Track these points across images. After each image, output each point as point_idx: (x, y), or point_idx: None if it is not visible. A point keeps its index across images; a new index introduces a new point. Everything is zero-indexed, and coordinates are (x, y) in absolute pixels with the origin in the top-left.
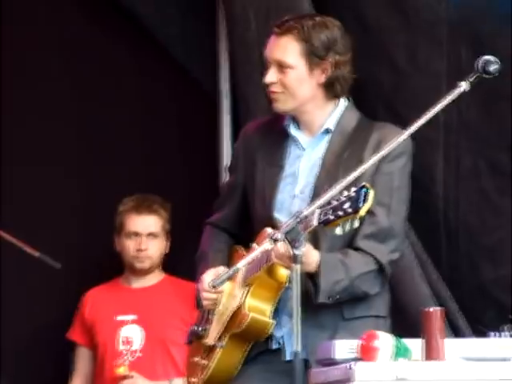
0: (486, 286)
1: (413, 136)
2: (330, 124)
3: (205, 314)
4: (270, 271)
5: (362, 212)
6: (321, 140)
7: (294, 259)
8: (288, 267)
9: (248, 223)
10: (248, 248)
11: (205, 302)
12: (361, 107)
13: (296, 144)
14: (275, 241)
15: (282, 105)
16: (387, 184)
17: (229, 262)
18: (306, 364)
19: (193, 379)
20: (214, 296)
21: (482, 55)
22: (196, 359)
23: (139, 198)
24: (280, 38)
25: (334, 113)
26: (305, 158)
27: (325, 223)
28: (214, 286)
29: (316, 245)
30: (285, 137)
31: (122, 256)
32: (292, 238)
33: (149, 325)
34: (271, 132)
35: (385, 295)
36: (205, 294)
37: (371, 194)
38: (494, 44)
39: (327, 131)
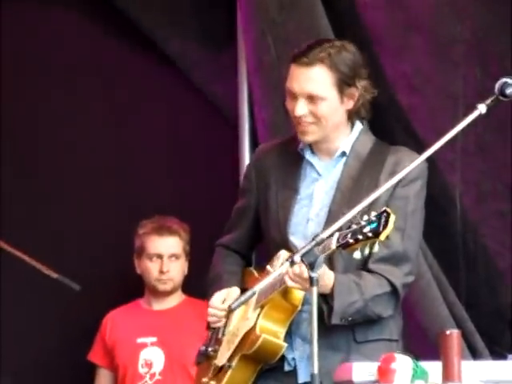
0: (504, 309)
1: (431, 158)
2: (346, 147)
3: (214, 335)
4: (284, 293)
5: (383, 237)
6: (336, 163)
7: (311, 282)
8: (302, 289)
9: (257, 245)
10: (262, 270)
11: (210, 318)
12: (377, 129)
13: (312, 167)
14: (292, 263)
15: (312, 136)
16: (402, 208)
17: (242, 283)
18: None
19: None
20: (220, 313)
21: (499, 77)
22: (204, 380)
23: (159, 220)
24: (309, 69)
25: (350, 136)
26: (321, 182)
27: (343, 246)
28: (231, 309)
29: (330, 266)
30: (299, 160)
31: (144, 278)
32: (309, 261)
33: (169, 347)
34: (285, 154)
35: (397, 318)
36: (211, 311)
37: (392, 218)
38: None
39: (343, 154)
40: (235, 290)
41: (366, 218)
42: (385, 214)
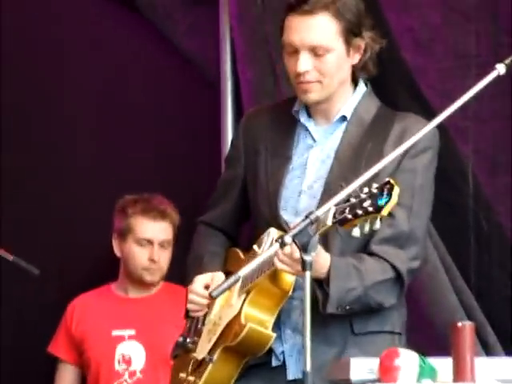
0: None
1: (441, 125)
2: (347, 111)
3: (193, 324)
4: (273, 277)
5: (385, 211)
6: (335, 129)
7: (304, 265)
8: (294, 273)
9: (246, 222)
10: (248, 251)
11: (190, 306)
12: (377, 90)
13: (306, 132)
14: (283, 244)
15: (316, 95)
16: (409, 182)
17: (226, 266)
18: None
19: None
20: (201, 301)
21: None
22: (182, 375)
23: (149, 200)
24: (311, 18)
25: (352, 99)
26: (316, 149)
27: (341, 223)
28: (212, 297)
29: (326, 247)
30: (293, 124)
31: (127, 264)
32: (302, 242)
33: (149, 341)
34: (277, 119)
35: (401, 309)
36: (192, 297)
37: (396, 190)
38: None
39: (343, 119)
40: (220, 275)
41: (365, 190)
42: (388, 186)
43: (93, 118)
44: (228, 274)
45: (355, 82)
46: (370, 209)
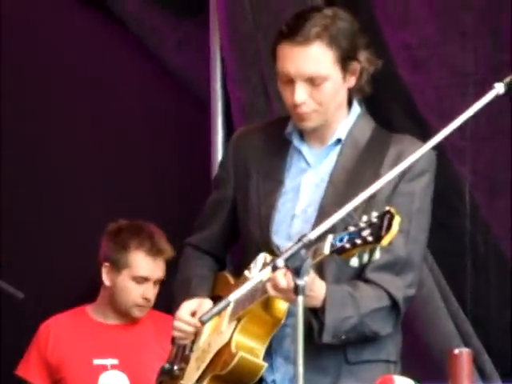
0: None
1: (438, 145)
2: (342, 134)
3: (180, 350)
4: (266, 304)
5: (385, 241)
6: (329, 152)
7: (297, 290)
8: (287, 300)
9: (234, 244)
10: (239, 276)
11: (176, 333)
12: (372, 109)
13: (300, 155)
14: (275, 268)
15: (313, 122)
16: (406, 206)
17: (214, 290)
18: None
19: None
20: (188, 329)
21: None
22: None
23: (151, 237)
24: (306, 48)
25: (347, 121)
26: (310, 173)
27: (339, 252)
28: (202, 322)
29: (321, 274)
30: (285, 146)
31: (116, 296)
32: (294, 266)
33: (133, 371)
34: (269, 139)
35: (396, 336)
36: (178, 324)
37: (396, 220)
38: None
39: (338, 142)
40: (207, 302)
41: (365, 218)
42: (388, 215)
43: (82, 133)
44: (217, 299)
45: (349, 103)
46: (370, 238)
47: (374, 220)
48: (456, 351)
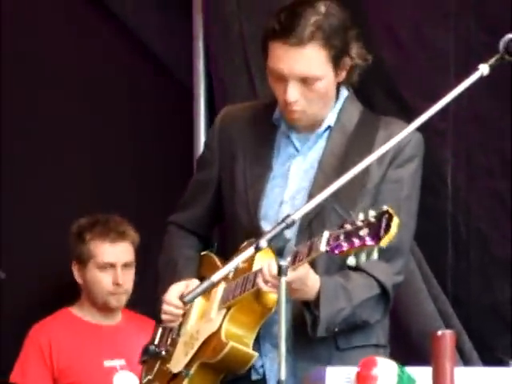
0: (501, 307)
1: (419, 127)
2: (332, 120)
3: (166, 333)
4: (256, 294)
5: (384, 243)
6: (318, 138)
7: (280, 271)
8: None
9: (219, 224)
10: (226, 259)
11: (164, 317)
12: (357, 93)
13: (288, 141)
14: (258, 249)
15: (304, 120)
16: (395, 193)
17: (200, 271)
18: None
19: None
20: (176, 312)
21: (496, 30)
22: None
23: (106, 223)
24: (300, 50)
25: (336, 106)
26: (299, 159)
27: (335, 250)
28: (184, 302)
29: (311, 264)
30: (273, 131)
31: (91, 291)
32: (277, 247)
33: (138, 370)
34: (257, 122)
35: (385, 321)
36: (166, 308)
37: (395, 221)
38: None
39: (327, 128)
40: (194, 282)
41: (361, 216)
42: (386, 216)
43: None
44: (202, 280)
45: (338, 90)
46: (368, 239)
47: (372, 220)
48: (439, 333)
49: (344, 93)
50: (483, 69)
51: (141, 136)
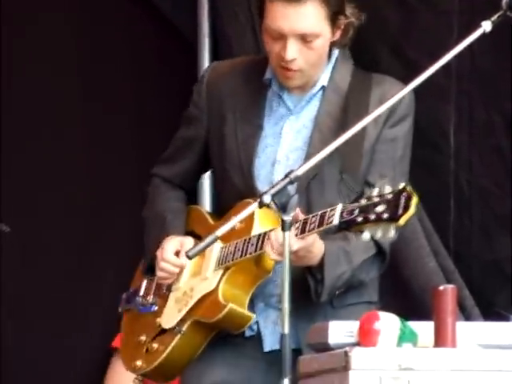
0: (502, 263)
1: (421, 84)
2: (325, 81)
3: (153, 285)
4: (257, 259)
5: (402, 221)
6: (311, 98)
7: (283, 226)
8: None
9: (202, 175)
10: (219, 216)
11: (160, 273)
12: (362, 50)
13: (280, 100)
14: (261, 204)
15: (298, 82)
16: (390, 153)
17: (187, 225)
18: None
19: (137, 362)
20: (173, 269)
21: None
22: (142, 338)
23: None
24: (300, 6)
25: (328, 66)
26: (291, 119)
27: (349, 224)
28: (188, 257)
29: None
30: (264, 90)
31: None
32: (281, 202)
33: None
34: (247, 80)
35: (375, 279)
36: (164, 265)
37: (414, 201)
38: None
39: (321, 89)
40: (189, 240)
41: (376, 191)
42: (405, 194)
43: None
44: (189, 233)
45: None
46: (385, 216)
47: (389, 197)
48: (441, 287)
49: (335, 53)
50: (485, 26)
51: (144, 93)
